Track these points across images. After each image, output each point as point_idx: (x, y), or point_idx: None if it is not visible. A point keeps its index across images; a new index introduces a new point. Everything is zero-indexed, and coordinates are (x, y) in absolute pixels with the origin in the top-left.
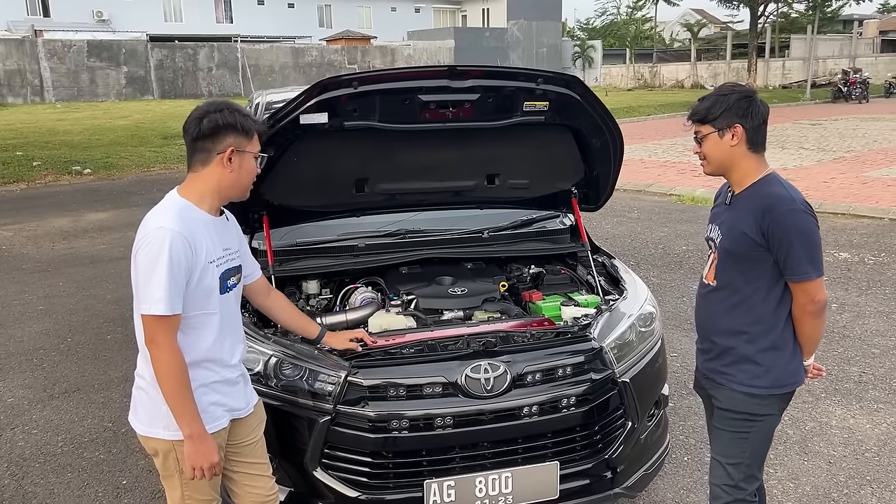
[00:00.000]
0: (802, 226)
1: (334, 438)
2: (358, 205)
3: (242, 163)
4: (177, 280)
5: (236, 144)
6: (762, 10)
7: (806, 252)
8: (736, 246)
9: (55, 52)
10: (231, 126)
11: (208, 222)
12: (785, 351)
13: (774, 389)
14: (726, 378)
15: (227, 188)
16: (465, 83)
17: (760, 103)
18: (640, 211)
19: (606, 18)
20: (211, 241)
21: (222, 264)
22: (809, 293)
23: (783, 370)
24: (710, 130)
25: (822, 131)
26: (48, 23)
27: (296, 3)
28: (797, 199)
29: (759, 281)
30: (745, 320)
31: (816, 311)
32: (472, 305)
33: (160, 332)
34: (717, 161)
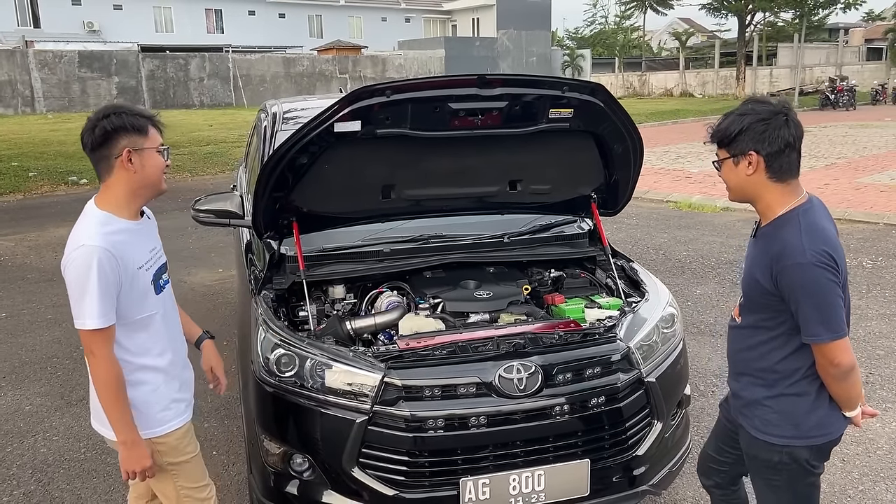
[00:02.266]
0: (809, 283)
1: (371, 438)
2: (383, 211)
3: (144, 160)
4: (107, 294)
5: (131, 144)
6: (750, 19)
7: (814, 311)
8: (750, 291)
9: (46, 63)
10: (121, 128)
11: (132, 229)
12: (805, 399)
13: (797, 441)
14: (745, 420)
15: (138, 189)
16: (494, 91)
17: (785, 125)
18: (639, 217)
19: (595, 28)
20: (136, 248)
21: (151, 266)
22: (827, 356)
23: (802, 421)
24: (725, 156)
25: (811, 138)
26: (39, 33)
27: (286, 14)
28: (808, 250)
29: (778, 328)
30: (762, 364)
31: (839, 375)
32: (498, 308)
33: (96, 344)
34: (737, 190)
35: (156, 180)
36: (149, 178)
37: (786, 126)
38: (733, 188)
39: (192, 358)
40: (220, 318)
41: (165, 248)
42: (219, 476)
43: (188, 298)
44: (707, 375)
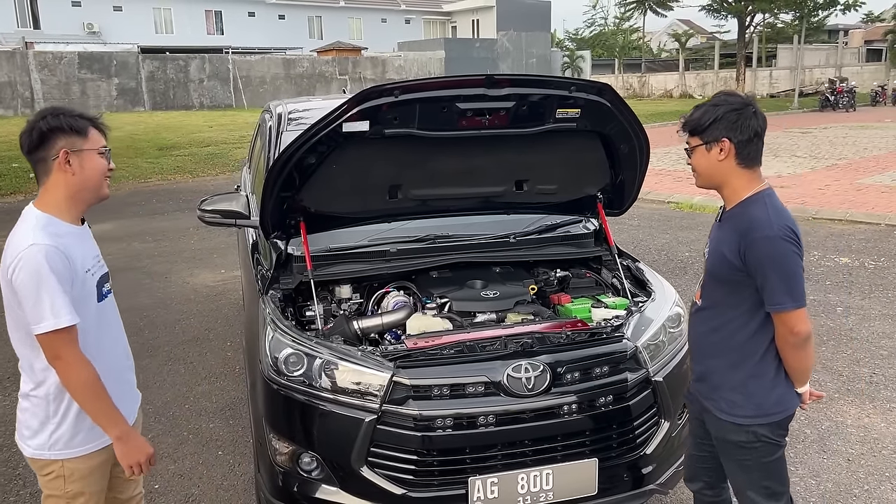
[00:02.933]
0: (777, 254)
1: (380, 437)
2: (390, 211)
3: (83, 162)
4: (65, 291)
5: (69, 145)
6: (749, 21)
7: (781, 281)
8: (717, 268)
9: (46, 64)
10: (57, 129)
11: (75, 233)
12: (765, 379)
13: (760, 419)
14: (711, 403)
15: (77, 193)
16: (502, 91)
17: (753, 115)
18: (640, 218)
19: (595, 29)
20: (82, 251)
21: (96, 272)
22: (788, 324)
23: (765, 398)
24: (697, 143)
25: (812, 139)
26: (39, 35)
27: (286, 15)
28: (775, 224)
29: (741, 305)
30: (725, 345)
31: (797, 343)
32: (505, 308)
33: (64, 346)
34: (706, 175)
35: (96, 183)
36: (88, 180)
37: (754, 117)
38: (703, 173)
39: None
40: (223, 319)
41: (169, 248)
42: (225, 476)
43: (191, 299)
44: None
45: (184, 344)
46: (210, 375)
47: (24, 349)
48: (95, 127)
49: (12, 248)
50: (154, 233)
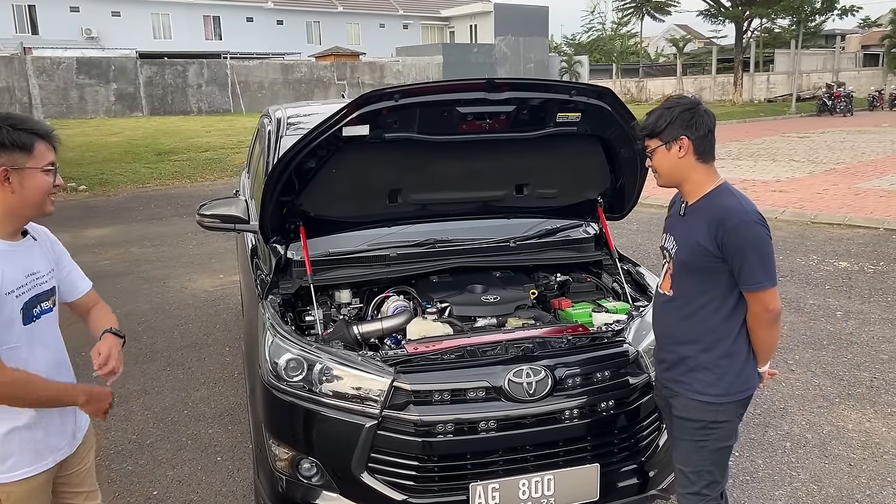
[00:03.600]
0: (755, 237)
1: (380, 443)
2: (390, 215)
3: (24, 181)
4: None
5: (10, 163)
6: (747, 26)
7: (760, 262)
8: (692, 257)
9: (44, 70)
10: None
11: (4, 250)
12: (738, 359)
13: (728, 397)
14: (682, 387)
15: (14, 210)
16: (502, 95)
17: (705, 113)
18: (639, 223)
19: (592, 34)
20: (7, 271)
21: (24, 293)
22: (763, 302)
23: (736, 377)
24: (657, 144)
25: (810, 144)
26: (37, 40)
27: (285, 20)
28: (749, 210)
29: (713, 291)
30: (699, 329)
31: (770, 320)
32: (505, 312)
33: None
34: (668, 173)
35: (37, 202)
36: (28, 199)
37: (706, 115)
38: (665, 173)
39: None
40: (221, 324)
41: (167, 253)
42: (224, 482)
43: (189, 304)
44: None
45: (182, 349)
46: (209, 381)
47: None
48: (45, 140)
49: None
50: (152, 238)
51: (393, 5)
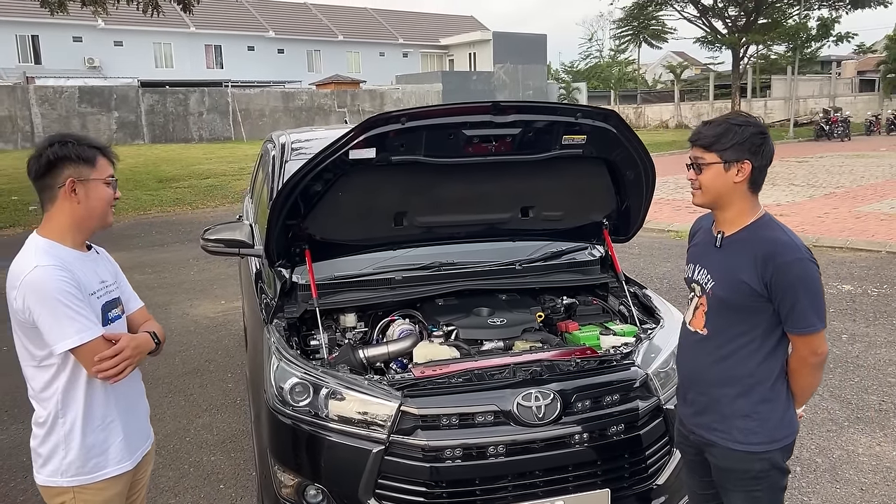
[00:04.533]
0: (809, 276)
1: (388, 468)
2: (395, 238)
3: (89, 192)
4: (81, 303)
5: (76, 174)
6: (743, 52)
7: (812, 303)
8: (733, 295)
9: (46, 99)
10: (65, 158)
11: (77, 257)
12: (778, 404)
13: (774, 444)
14: (719, 435)
15: (81, 220)
16: (508, 118)
17: (771, 143)
18: (641, 247)
19: (590, 61)
20: (85, 275)
21: (101, 297)
22: (813, 345)
23: (779, 423)
24: (715, 160)
25: (809, 168)
26: (40, 70)
27: (286, 49)
28: (801, 247)
29: (753, 331)
30: (736, 373)
31: (818, 364)
32: (512, 335)
33: (89, 361)
34: (714, 194)
35: (101, 213)
36: (93, 210)
37: (771, 145)
38: (711, 191)
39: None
40: (223, 350)
41: (169, 280)
42: None
43: (191, 330)
44: None
45: (184, 376)
46: (211, 407)
47: (33, 375)
48: (104, 155)
49: (14, 275)
50: (154, 264)
51: (393, 34)
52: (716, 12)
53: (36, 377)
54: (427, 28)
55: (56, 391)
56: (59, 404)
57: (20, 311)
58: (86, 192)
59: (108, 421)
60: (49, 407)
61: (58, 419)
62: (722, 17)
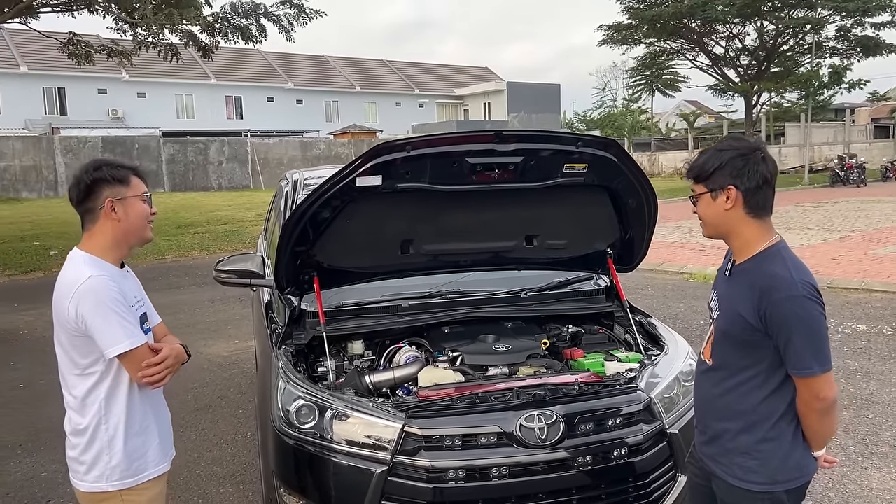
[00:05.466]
0: (803, 315)
1: (392, 489)
2: (402, 266)
3: (128, 209)
4: (130, 312)
5: (114, 195)
6: (756, 100)
7: (808, 344)
8: (732, 328)
9: (70, 149)
10: (102, 180)
11: (117, 272)
12: (782, 443)
13: (777, 486)
14: (721, 468)
15: (122, 237)
16: (510, 146)
17: (762, 161)
18: (654, 288)
19: (604, 110)
20: (125, 288)
21: (138, 309)
22: (813, 389)
23: (781, 464)
24: (702, 190)
25: (824, 213)
26: (65, 121)
27: (304, 100)
28: (798, 282)
29: (757, 366)
30: (738, 408)
31: (823, 409)
32: (517, 361)
33: (134, 367)
34: (713, 225)
35: (140, 227)
36: (133, 225)
37: (763, 162)
38: (710, 223)
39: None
40: (235, 387)
41: (184, 320)
42: None
43: (204, 368)
44: None
45: (196, 411)
46: (221, 442)
47: (75, 384)
48: (136, 174)
49: (66, 286)
50: (170, 306)
51: (409, 85)
52: (728, 61)
53: (78, 385)
54: (442, 79)
55: (98, 398)
56: (101, 411)
57: (72, 319)
58: (124, 209)
59: (146, 426)
60: (91, 414)
61: (100, 426)
62: (734, 66)
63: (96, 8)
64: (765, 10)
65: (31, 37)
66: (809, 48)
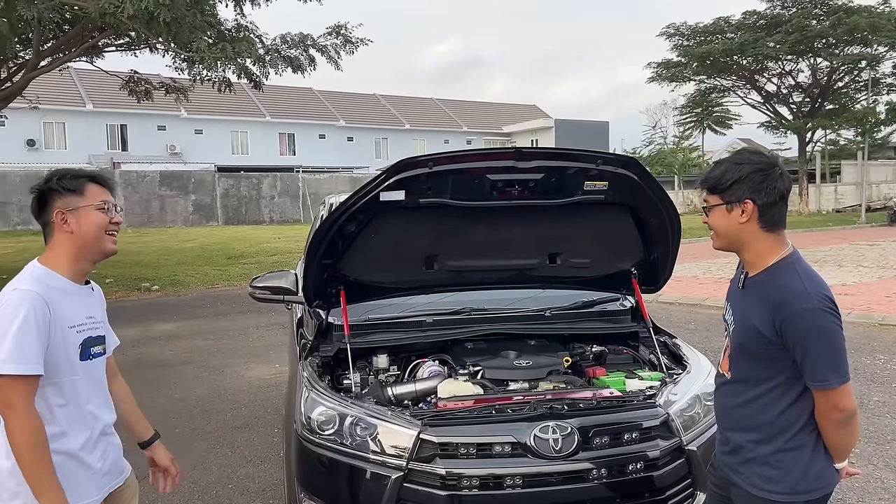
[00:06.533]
0: (819, 327)
1: (406, 495)
2: (427, 282)
3: (80, 220)
4: (35, 339)
5: (63, 206)
6: (810, 137)
7: (825, 356)
8: (748, 341)
9: (130, 182)
10: (52, 191)
11: (69, 289)
12: (803, 454)
13: (797, 496)
14: (741, 478)
15: (78, 249)
16: (531, 164)
17: (780, 177)
18: (697, 323)
19: (654, 148)
20: (70, 307)
21: (84, 331)
22: (832, 401)
23: (802, 475)
24: (717, 202)
25: (880, 251)
26: (126, 156)
27: (355, 137)
28: (814, 295)
29: (776, 378)
30: (757, 420)
31: (841, 421)
32: (537, 377)
33: (16, 395)
34: (726, 237)
35: (95, 238)
36: (86, 236)
37: (781, 178)
38: (722, 235)
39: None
40: (273, 408)
41: (228, 345)
42: None
43: (244, 390)
44: None
45: (233, 430)
46: (255, 458)
47: None
48: (95, 182)
49: (3, 290)
50: (216, 332)
51: (457, 122)
52: (780, 98)
53: None
54: (490, 116)
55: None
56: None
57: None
58: (77, 220)
59: (76, 449)
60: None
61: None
62: (786, 103)
63: (157, 47)
64: (818, 48)
65: (96, 76)
66: (865, 85)
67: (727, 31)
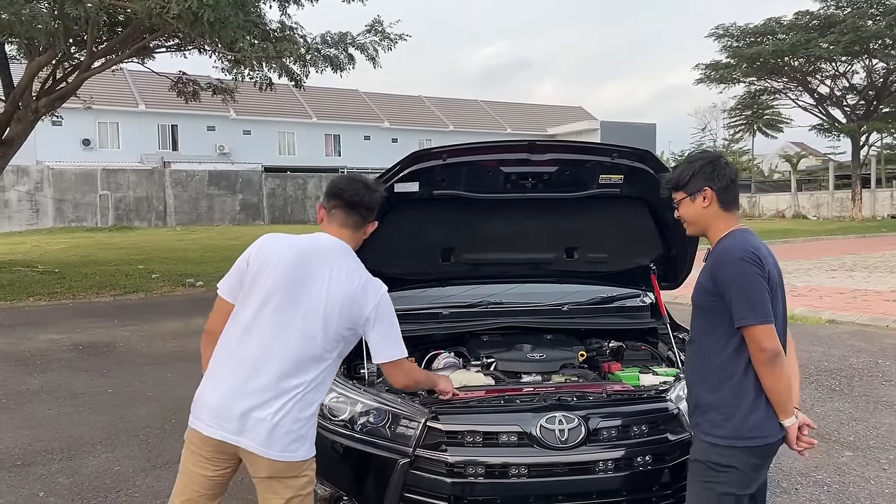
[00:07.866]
0: (739, 274)
1: (413, 482)
2: (444, 274)
3: None
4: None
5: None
6: (864, 141)
7: (744, 298)
8: (698, 298)
9: (179, 181)
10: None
11: None
12: (745, 400)
13: (737, 441)
14: (697, 429)
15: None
16: (544, 156)
17: (726, 165)
18: None
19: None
20: None
21: None
22: (755, 340)
23: (743, 420)
24: (682, 196)
25: None
26: (176, 155)
27: (399, 138)
28: (739, 248)
29: (717, 331)
30: (707, 369)
31: (766, 360)
32: (550, 370)
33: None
34: (695, 222)
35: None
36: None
37: (727, 166)
38: (692, 221)
39: None
40: None
41: None
42: None
43: None
44: (792, 474)
45: None
46: None
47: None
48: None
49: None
50: None
51: (501, 124)
52: (833, 101)
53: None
54: (534, 117)
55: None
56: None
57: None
58: None
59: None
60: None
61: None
62: (840, 106)
63: (205, 48)
64: (874, 48)
65: (149, 77)
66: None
67: (778, 32)
